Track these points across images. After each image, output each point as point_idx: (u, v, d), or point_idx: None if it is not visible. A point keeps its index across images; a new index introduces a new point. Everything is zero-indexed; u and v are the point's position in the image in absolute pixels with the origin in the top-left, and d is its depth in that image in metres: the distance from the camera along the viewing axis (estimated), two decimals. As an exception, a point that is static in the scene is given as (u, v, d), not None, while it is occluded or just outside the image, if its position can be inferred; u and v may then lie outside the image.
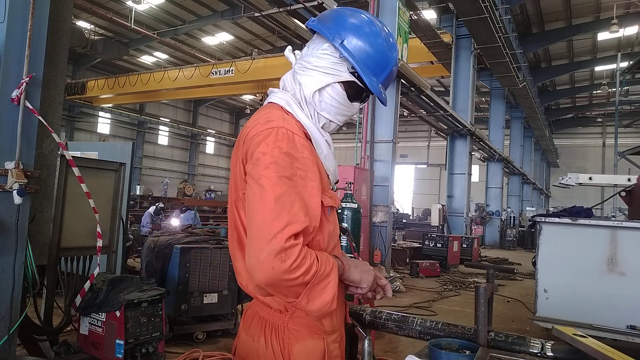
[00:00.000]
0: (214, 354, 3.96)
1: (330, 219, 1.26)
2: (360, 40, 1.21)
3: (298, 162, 1.13)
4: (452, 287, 8.81)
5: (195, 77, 17.45)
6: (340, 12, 1.29)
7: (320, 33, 1.25)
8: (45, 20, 2.82)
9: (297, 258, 1.05)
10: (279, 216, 1.05)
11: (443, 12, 15.51)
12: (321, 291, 1.11)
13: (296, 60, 1.32)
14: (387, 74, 1.27)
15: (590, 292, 4.63)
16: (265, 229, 1.05)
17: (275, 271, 1.03)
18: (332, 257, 1.19)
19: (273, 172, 1.09)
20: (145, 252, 4.69)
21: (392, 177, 9.82)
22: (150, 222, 10.36)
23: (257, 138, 1.14)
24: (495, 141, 19.85)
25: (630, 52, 20.62)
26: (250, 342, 1.23)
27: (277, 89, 1.33)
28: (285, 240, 1.04)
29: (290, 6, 8.11)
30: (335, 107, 1.26)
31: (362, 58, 1.21)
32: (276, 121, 1.16)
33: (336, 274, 1.14)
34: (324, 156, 1.26)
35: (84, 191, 3.20)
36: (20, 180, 2.58)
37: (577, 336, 1.25)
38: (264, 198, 1.08)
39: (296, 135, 1.16)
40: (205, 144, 35.13)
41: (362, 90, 1.27)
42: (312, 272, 1.07)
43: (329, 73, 1.23)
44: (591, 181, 9.26)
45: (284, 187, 1.08)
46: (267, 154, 1.11)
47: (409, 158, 35.56)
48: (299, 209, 1.08)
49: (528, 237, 19.39)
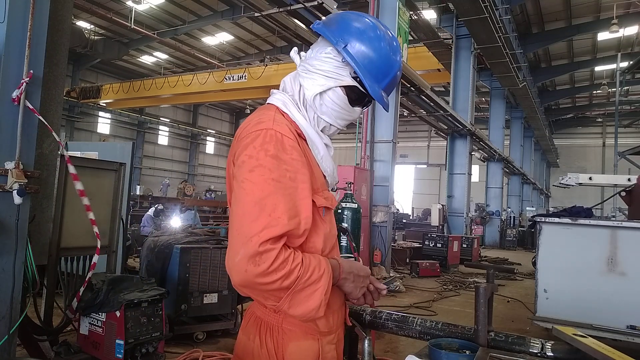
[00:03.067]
0: (214, 354, 3.95)
1: (325, 220, 1.26)
2: (364, 44, 1.21)
3: (286, 164, 1.12)
4: (452, 287, 8.80)
5: (209, 83, 17.64)
6: (345, 16, 1.28)
7: (324, 36, 1.25)
8: (45, 20, 2.82)
9: (274, 262, 1.03)
10: (257, 219, 1.05)
11: (443, 12, 15.51)
12: (306, 298, 1.10)
13: (300, 62, 1.32)
14: (390, 79, 1.26)
15: (590, 292, 4.63)
16: (242, 231, 1.06)
17: (248, 274, 1.03)
18: (326, 262, 1.17)
19: (257, 175, 1.09)
20: (145, 252, 4.69)
21: (392, 177, 9.82)
22: (151, 224, 10.35)
23: (246, 140, 1.15)
24: (495, 141, 19.85)
25: (630, 52, 20.63)
26: (246, 341, 1.24)
27: (277, 90, 1.33)
28: (259, 244, 1.02)
29: (290, 6, 8.11)
30: (336, 111, 1.26)
31: (364, 63, 1.20)
32: (266, 123, 1.16)
33: (327, 282, 1.13)
34: (321, 157, 1.26)
35: (78, 189, 3.19)
36: (20, 180, 2.58)
37: (577, 336, 1.25)
38: (244, 201, 1.08)
39: (285, 137, 1.14)
40: (205, 144, 35.14)
41: (364, 95, 1.26)
42: (292, 277, 1.06)
43: (331, 77, 1.22)
44: (591, 181, 9.28)
45: (267, 190, 1.07)
46: (253, 157, 1.11)
47: (409, 158, 35.56)
48: (283, 212, 1.07)
49: (528, 237, 19.39)
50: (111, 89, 20.79)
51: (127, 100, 21.50)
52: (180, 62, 26.20)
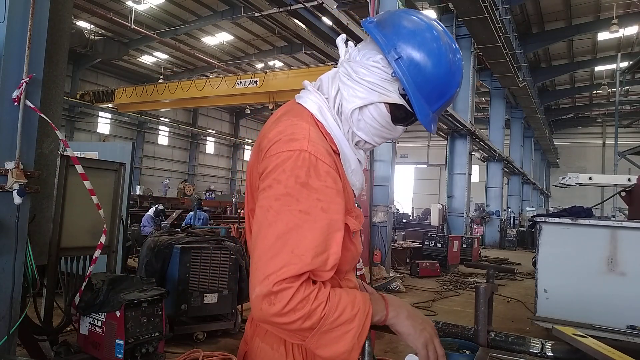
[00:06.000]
0: (214, 354, 3.95)
1: (354, 241, 1.14)
2: (421, 58, 1.02)
3: (318, 192, 0.97)
4: (452, 287, 8.81)
5: (222, 88, 17.72)
6: (403, 17, 1.08)
7: (375, 40, 1.06)
8: (45, 20, 2.82)
9: (290, 302, 0.92)
10: (277, 255, 0.94)
11: (443, 12, 15.51)
12: (335, 339, 0.97)
13: (344, 59, 1.14)
14: (445, 102, 1.09)
15: (590, 292, 4.63)
16: (259, 266, 0.96)
17: (264, 313, 0.94)
18: (364, 299, 1.02)
19: (283, 204, 0.96)
20: (144, 252, 4.69)
21: (392, 177, 9.83)
22: (151, 224, 10.35)
23: (274, 160, 1.00)
24: (495, 141, 19.86)
25: (630, 52, 20.63)
26: (269, 350, 1.12)
27: (311, 86, 1.16)
28: (274, 284, 0.92)
29: (290, 6, 8.11)
30: (375, 129, 1.11)
31: (417, 81, 1.03)
32: (300, 142, 1.00)
33: (361, 322, 0.98)
34: (352, 171, 1.13)
35: (88, 188, 3.21)
36: (20, 180, 2.58)
37: (577, 336, 1.25)
38: (266, 233, 0.97)
39: (320, 161, 0.99)
40: (205, 144, 35.11)
41: (410, 114, 1.10)
42: (314, 318, 0.94)
43: (375, 90, 1.06)
44: (591, 181, 9.27)
45: (292, 223, 0.95)
46: (282, 183, 0.97)
47: (409, 158, 35.56)
48: (308, 249, 0.94)
49: (528, 237, 19.39)
50: (124, 92, 20.96)
51: (140, 103, 21.64)
52: (180, 62, 26.18)
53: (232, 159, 36.83)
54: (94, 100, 21.68)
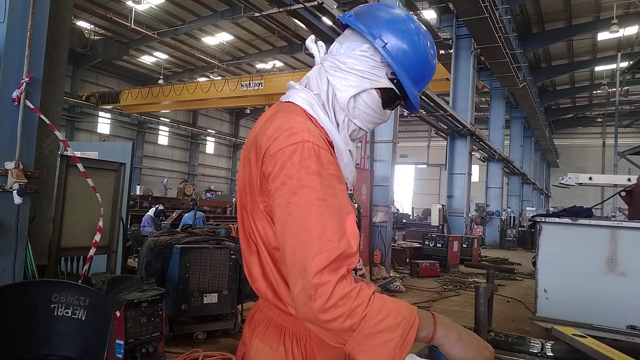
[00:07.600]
0: (214, 354, 3.96)
1: None
2: (405, 44, 1.11)
3: (326, 180, 1.00)
4: (452, 287, 8.81)
5: (225, 90, 17.75)
6: (380, 9, 1.17)
7: (359, 31, 1.13)
8: (45, 20, 2.82)
9: (331, 297, 0.91)
10: (308, 247, 0.95)
11: (443, 12, 15.52)
12: (377, 347, 0.92)
13: (323, 55, 1.20)
14: (426, 83, 1.18)
15: (590, 292, 4.63)
16: (296, 260, 0.95)
17: (307, 308, 0.93)
18: (410, 309, 0.98)
19: (301, 197, 0.97)
20: (144, 252, 4.69)
21: (392, 177, 9.82)
22: (151, 224, 10.35)
23: (281, 157, 1.01)
24: (495, 141, 19.85)
25: (630, 52, 20.62)
26: (268, 350, 1.12)
27: (298, 85, 1.20)
28: (313, 275, 0.91)
29: (290, 6, 8.10)
30: (369, 115, 1.17)
31: (404, 65, 1.11)
32: (300, 134, 1.02)
33: (404, 334, 0.94)
34: (344, 164, 1.16)
35: (91, 185, 3.21)
36: (20, 180, 2.58)
37: (577, 336, 1.25)
38: (293, 228, 0.97)
39: (322, 150, 1.02)
40: (205, 144, 35.13)
41: (396, 98, 1.18)
42: (355, 317, 0.91)
43: (366, 78, 1.12)
44: (591, 181, 9.27)
45: (314, 211, 0.96)
46: (294, 177, 0.99)
47: (409, 158, 35.58)
48: (333, 233, 0.96)
49: (528, 237, 19.38)
50: (130, 94, 21.04)
51: (145, 105, 21.71)
52: (180, 62, 26.18)
53: (232, 159, 36.84)
54: (100, 101, 21.80)
